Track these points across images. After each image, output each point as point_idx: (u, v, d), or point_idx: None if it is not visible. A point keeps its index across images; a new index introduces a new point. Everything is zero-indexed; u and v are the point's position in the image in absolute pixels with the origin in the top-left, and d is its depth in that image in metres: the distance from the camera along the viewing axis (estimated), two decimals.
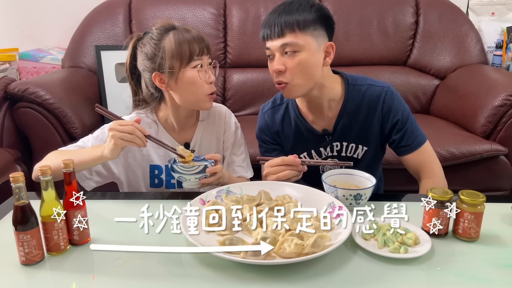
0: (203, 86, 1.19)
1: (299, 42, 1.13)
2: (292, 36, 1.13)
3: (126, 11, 2.47)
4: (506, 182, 1.97)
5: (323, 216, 0.98)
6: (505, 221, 1.03)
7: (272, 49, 1.16)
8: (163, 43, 1.17)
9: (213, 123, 1.34)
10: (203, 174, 1.12)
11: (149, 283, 0.81)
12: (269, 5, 2.46)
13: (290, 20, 1.13)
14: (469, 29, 2.46)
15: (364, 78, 1.29)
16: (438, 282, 0.82)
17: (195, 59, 1.17)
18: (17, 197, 0.83)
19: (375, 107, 1.25)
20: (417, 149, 1.26)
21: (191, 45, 1.16)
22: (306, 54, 1.14)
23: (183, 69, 1.17)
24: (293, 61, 1.14)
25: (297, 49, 1.14)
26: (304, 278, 0.81)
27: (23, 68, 2.41)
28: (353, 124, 1.27)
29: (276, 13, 1.16)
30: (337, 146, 1.30)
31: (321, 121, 1.29)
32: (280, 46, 1.14)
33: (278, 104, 1.35)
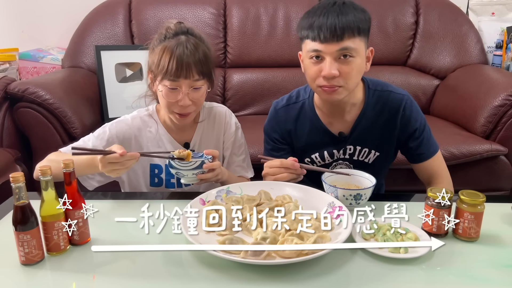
0: (174, 106, 1.17)
1: (356, 47, 1.10)
2: (351, 40, 1.09)
3: (126, 11, 2.47)
4: (506, 182, 1.97)
5: (323, 216, 0.98)
6: (505, 221, 1.03)
7: (325, 52, 1.11)
8: (158, 47, 1.17)
9: (213, 123, 1.34)
10: (200, 169, 1.11)
11: (149, 283, 0.81)
12: (269, 5, 2.46)
13: (350, 23, 1.08)
14: (469, 29, 2.46)
15: (385, 84, 1.28)
16: (438, 282, 0.82)
17: (169, 79, 1.14)
18: (17, 197, 0.83)
19: (394, 115, 1.25)
20: (431, 157, 1.28)
21: (171, 63, 1.12)
22: (359, 59, 1.12)
23: (157, 81, 1.17)
24: (348, 66, 1.11)
25: (354, 54, 1.10)
26: (304, 278, 0.81)
27: (23, 68, 2.41)
28: (370, 130, 1.26)
29: (333, 14, 1.09)
30: (350, 149, 1.28)
31: (339, 124, 1.27)
32: (337, 50, 1.09)
33: (294, 102, 1.32)
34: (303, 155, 1.31)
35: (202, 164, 1.11)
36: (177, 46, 1.14)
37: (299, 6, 2.47)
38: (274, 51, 2.45)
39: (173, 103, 1.17)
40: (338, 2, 1.12)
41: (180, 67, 1.13)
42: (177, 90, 1.15)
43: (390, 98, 1.25)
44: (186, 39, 1.17)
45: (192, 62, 1.14)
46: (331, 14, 1.10)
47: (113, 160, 1.03)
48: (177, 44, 1.15)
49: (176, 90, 1.15)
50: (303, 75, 2.60)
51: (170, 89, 1.15)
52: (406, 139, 1.27)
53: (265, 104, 2.43)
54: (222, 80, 2.46)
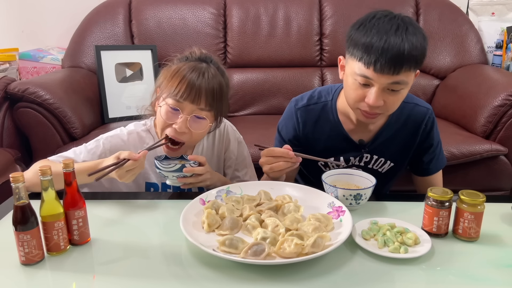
0: (165, 124, 1.12)
1: (408, 80, 1.04)
2: (406, 74, 1.02)
3: (126, 11, 2.47)
4: (506, 182, 1.97)
5: (323, 216, 0.98)
6: (505, 221, 1.03)
7: (375, 81, 1.03)
8: (176, 65, 1.14)
9: (213, 140, 1.30)
10: (181, 172, 1.09)
11: (149, 283, 0.81)
12: (269, 5, 2.46)
13: (412, 57, 0.99)
14: (469, 29, 2.46)
15: (410, 95, 1.23)
16: (438, 282, 0.82)
17: (173, 98, 1.09)
18: (17, 197, 0.83)
19: (417, 128, 1.24)
20: (435, 173, 1.30)
21: (181, 83, 1.08)
22: (407, 89, 1.07)
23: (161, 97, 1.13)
24: (395, 97, 1.06)
25: (404, 87, 1.05)
26: (304, 278, 0.81)
27: (23, 68, 2.41)
28: (391, 141, 1.24)
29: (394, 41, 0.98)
30: (367, 157, 1.26)
31: (361, 132, 1.24)
32: (390, 83, 1.02)
33: (315, 102, 1.25)
34: None
35: (183, 167, 1.08)
36: (194, 69, 1.10)
37: (299, 6, 2.47)
38: (274, 51, 2.45)
39: (169, 124, 1.12)
40: (401, 26, 1.01)
41: (190, 89, 1.08)
42: (177, 112, 1.10)
43: (414, 111, 1.23)
44: (207, 66, 1.13)
45: (203, 88, 1.09)
46: (394, 41, 0.98)
47: (130, 168, 1.02)
48: (195, 67, 1.11)
49: (177, 112, 1.10)
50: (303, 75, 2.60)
51: (171, 109, 1.10)
52: (421, 153, 1.28)
53: (265, 104, 2.43)
54: None
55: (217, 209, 1.01)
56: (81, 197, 0.92)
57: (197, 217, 0.99)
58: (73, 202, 0.90)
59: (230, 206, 1.02)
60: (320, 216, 0.97)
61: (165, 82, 1.12)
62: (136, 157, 1.02)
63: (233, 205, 1.04)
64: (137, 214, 1.08)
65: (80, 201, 0.91)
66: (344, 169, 1.23)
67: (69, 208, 0.90)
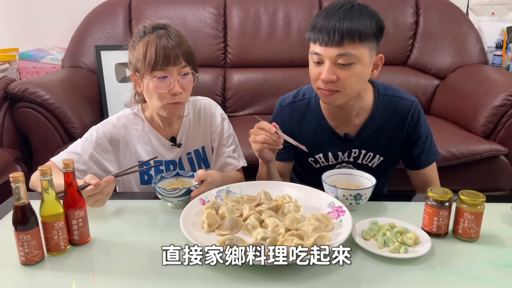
0: (165, 96, 1.16)
1: (356, 54, 1.07)
2: (351, 46, 1.06)
3: (126, 11, 2.47)
4: (506, 182, 1.97)
5: (323, 216, 0.98)
6: (505, 221, 1.03)
7: (324, 56, 1.10)
8: (138, 44, 1.17)
9: (198, 116, 1.35)
10: (186, 196, 1.06)
11: (149, 283, 0.81)
12: (269, 5, 2.46)
13: (352, 29, 1.05)
14: (469, 29, 2.46)
15: (395, 89, 1.27)
16: (438, 282, 0.82)
17: (158, 69, 1.14)
18: (17, 197, 0.83)
19: (402, 121, 1.24)
20: (428, 166, 1.29)
21: (158, 53, 1.13)
22: (360, 66, 1.10)
23: (145, 76, 1.16)
24: (346, 72, 1.09)
25: (353, 61, 1.08)
26: (304, 278, 0.81)
27: (23, 68, 2.41)
28: (377, 134, 1.25)
29: (335, 17, 1.07)
30: (355, 152, 1.28)
31: (346, 127, 1.26)
32: (336, 55, 1.08)
33: (300, 99, 1.30)
34: (307, 154, 1.29)
35: (188, 191, 1.06)
36: (160, 38, 1.14)
37: (299, 6, 2.47)
38: (274, 51, 2.45)
39: (165, 94, 1.16)
40: (345, 6, 1.09)
41: (168, 55, 1.13)
42: (167, 78, 1.15)
43: (400, 104, 1.24)
44: (166, 31, 1.17)
45: (178, 50, 1.15)
46: (334, 17, 1.07)
47: (91, 193, 0.98)
48: (159, 36, 1.15)
49: (167, 78, 1.15)
50: (303, 75, 2.61)
51: (161, 79, 1.14)
52: (409, 146, 1.27)
53: (265, 104, 2.43)
54: (222, 80, 2.46)
55: (217, 209, 1.02)
56: (81, 197, 0.92)
57: (197, 217, 0.99)
58: (73, 202, 0.90)
59: (230, 206, 1.03)
60: (320, 216, 0.97)
61: (141, 60, 1.15)
62: (95, 183, 0.97)
63: (233, 205, 1.04)
64: (137, 214, 1.08)
65: (80, 201, 0.91)
66: (344, 169, 1.23)
67: (69, 208, 0.90)
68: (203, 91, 2.32)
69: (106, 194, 1.02)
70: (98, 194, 1.00)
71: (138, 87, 1.22)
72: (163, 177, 1.14)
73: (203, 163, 1.36)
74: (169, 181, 1.14)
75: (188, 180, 1.15)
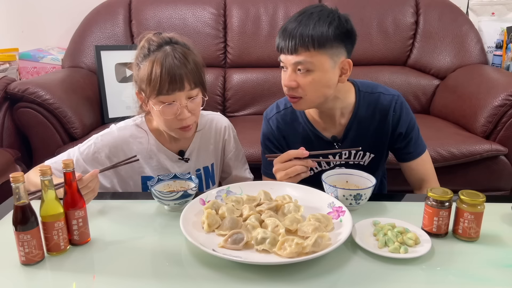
0: (172, 121, 1.13)
1: (312, 61, 1.08)
2: (306, 54, 1.08)
3: (126, 11, 2.47)
4: (506, 182, 1.97)
5: (323, 216, 0.98)
6: (505, 221, 1.03)
7: (285, 63, 1.13)
8: (144, 63, 1.11)
9: (209, 132, 1.32)
10: (182, 200, 1.05)
11: (149, 283, 0.81)
12: (269, 5, 2.46)
13: (305, 37, 1.06)
14: (469, 29, 2.46)
15: (375, 85, 1.28)
16: (438, 282, 0.82)
17: (164, 94, 1.09)
18: (17, 197, 0.83)
19: (385, 116, 1.25)
20: (418, 157, 1.29)
21: (163, 78, 1.07)
22: (319, 73, 1.10)
23: (150, 100, 1.12)
24: (305, 79, 1.10)
25: (310, 68, 1.09)
26: (304, 278, 0.81)
27: (23, 68, 2.41)
28: (363, 132, 1.26)
29: (295, 23, 1.08)
30: (345, 154, 1.28)
31: (332, 128, 1.27)
32: (293, 63, 1.10)
33: (283, 109, 1.31)
34: None
35: (185, 194, 1.04)
36: (165, 59, 1.08)
37: (299, 6, 2.45)
38: (274, 51, 2.40)
39: (172, 119, 1.12)
40: (306, 12, 1.09)
41: (174, 80, 1.08)
42: (174, 104, 1.10)
43: (380, 100, 1.24)
44: (173, 49, 1.11)
45: (183, 73, 1.09)
46: (291, 25, 1.08)
47: None
48: (165, 56, 1.09)
49: (173, 104, 1.10)
50: None
51: (167, 105, 1.10)
52: (396, 138, 1.28)
53: (265, 104, 2.43)
54: (222, 80, 2.46)
55: (217, 209, 1.01)
56: (81, 197, 0.92)
57: (197, 217, 0.99)
58: (73, 202, 0.90)
59: (230, 206, 1.02)
60: (320, 216, 0.97)
61: (146, 83, 1.10)
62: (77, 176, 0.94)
63: (233, 205, 1.04)
64: (137, 214, 1.08)
65: (80, 201, 0.91)
66: (344, 169, 1.23)
67: (69, 208, 0.90)
68: None
69: (91, 189, 1.00)
70: (83, 189, 0.97)
71: (145, 106, 1.17)
72: (160, 180, 1.12)
73: (211, 180, 1.34)
74: (166, 183, 1.13)
75: (185, 182, 1.14)
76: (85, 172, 1.13)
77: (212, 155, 1.33)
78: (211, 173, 1.34)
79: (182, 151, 1.27)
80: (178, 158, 1.26)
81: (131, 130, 1.23)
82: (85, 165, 1.19)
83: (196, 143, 1.29)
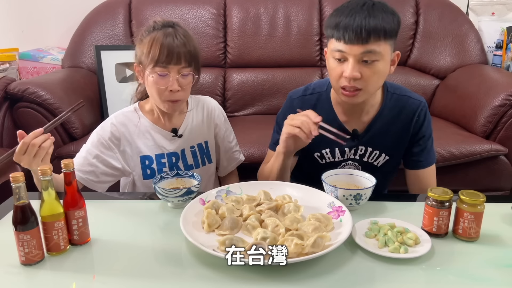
0: (163, 92, 1.20)
1: (381, 51, 1.08)
2: (376, 44, 1.07)
3: (126, 11, 2.47)
4: (506, 182, 1.97)
5: (323, 216, 0.98)
6: (505, 221, 1.03)
7: (348, 54, 1.09)
8: (146, 38, 1.21)
9: (201, 112, 1.39)
10: (186, 196, 1.06)
11: (149, 283, 0.81)
12: (269, 5, 2.46)
13: (378, 26, 1.06)
14: (469, 29, 2.46)
15: (404, 88, 1.29)
16: (438, 282, 0.82)
17: (159, 65, 1.18)
18: (17, 197, 0.83)
19: (409, 120, 1.25)
20: (426, 167, 1.29)
21: (162, 51, 1.16)
22: (383, 63, 1.11)
23: (146, 70, 1.20)
24: (371, 69, 1.10)
25: (378, 58, 1.09)
26: (304, 278, 0.81)
27: (23, 68, 2.41)
28: (384, 132, 1.26)
29: (360, 15, 1.07)
30: (361, 150, 1.28)
31: (354, 123, 1.27)
32: (361, 53, 1.08)
33: (310, 93, 1.31)
34: (314, 149, 1.29)
35: (189, 191, 1.06)
36: (166, 36, 1.18)
37: (299, 6, 2.47)
38: (274, 51, 2.45)
39: (163, 90, 1.20)
40: (367, 3, 1.09)
41: (171, 54, 1.17)
42: (166, 76, 1.19)
43: (408, 103, 1.25)
44: (174, 30, 1.20)
45: (181, 50, 1.18)
46: (359, 15, 1.07)
47: (23, 150, 1.01)
48: (166, 34, 1.19)
49: (166, 76, 1.19)
50: (303, 75, 2.61)
51: (160, 76, 1.18)
52: (412, 144, 1.28)
53: (265, 104, 2.43)
54: (222, 80, 2.46)
55: (217, 209, 1.02)
56: (81, 197, 0.92)
57: (197, 217, 1.00)
58: (73, 202, 0.90)
59: (230, 206, 1.02)
60: (320, 216, 0.97)
61: (145, 54, 1.19)
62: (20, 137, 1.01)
63: (233, 205, 1.04)
64: (137, 214, 1.08)
65: (80, 201, 0.91)
66: (344, 169, 1.23)
67: (69, 208, 0.90)
68: (203, 91, 2.32)
69: (42, 148, 1.02)
70: (31, 149, 1.00)
71: (140, 78, 1.27)
72: (163, 177, 1.14)
73: (206, 157, 1.40)
74: (169, 181, 1.14)
75: (188, 180, 1.15)
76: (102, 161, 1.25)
77: (206, 134, 1.39)
78: (205, 150, 1.39)
79: (175, 129, 1.33)
80: (172, 135, 1.32)
81: (126, 114, 1.32)
82: (96, 151, 1.25)
83: (188, 122, 1.36)
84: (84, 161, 1.24)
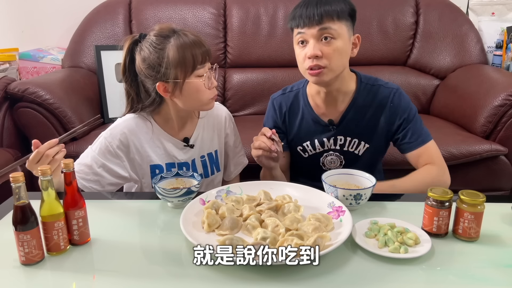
0: (206, 92, 1.21)
1: (336, 28, 1.18)
2: (330, 23, 1.17)
3: (126, 11, 2.47)
4: (506, 182, 1.97)
5: (323, 216, 0.98)
6: (505, 221, 1.03)
7: (308, 35, 1.19)
8: (166, 51, 1.14)
9: (212, 121, 1.37)
10: (186, 196, 1.06)
11: (149, 283, 0.81)
12: (269, 5, 2.46)
13: (329, 10, 1.17)
14: (469, 29, 2.46)
15: (376, 79, 1.35)
16: (438, 282, 0.82)
17: (198, 68, 1.17)
18: (17, 197, 0.83)
19: (383, 107, 1.31)
20: (419, 146, 1.29)
21: (194, 53, 1.15)
22: (341, 41, 1.19)
23: (187, 79, 1.16)
24: (329, 47, 1.18)
25: (334, 35, 1.18)
26: (304, 278, 0.81)
27: (23, 68, 2.41)
28: (359, 120, 1.31)
29: (312, 4, 1.18)
30: (340, 140, 1.34)
31: (330, 114, 1.33)
32: (318, 31, 1.17)
33: (288, 91, 1.40)
34: (295, 143, 1.39)
35: (189, 191, 1.06)
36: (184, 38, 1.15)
37: None
38: (274, 51, 2.45)
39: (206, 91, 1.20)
40: None
41: (202, 48, 1.16)
42: (207, 75, 1.19)
43: (379, 92, 1.31)
44: (183, 32, 1.17)
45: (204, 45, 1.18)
46: (311, 4, 1.18)
47: (37, 159, 1.02)
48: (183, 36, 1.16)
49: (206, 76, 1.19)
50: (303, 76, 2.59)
51: (205, 77, 1.19)
52: (396, 130, 1.32)
53: (265, 104, 2.39)
54: (222, 80, 2.46)
55: (217, 209, 1.02)
56: (81, 197, 0.92)
57: (197, 217, 1.00)
58: (73, 202, 0.90)
59: (230, 206, 1.03)
60: (320, 216, 0.97)
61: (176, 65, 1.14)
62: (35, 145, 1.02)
63: (233, 205, 1.04)
64: (137, 214, 1.08)
65: (80, 201, 0.91)
66: (344, 169, 1.23)
67: (69, 208, 0.90)
68: None
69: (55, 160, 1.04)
70: (44, 158, 1.02)
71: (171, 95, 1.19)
72: (163, 177, 1.14)
73: (215, 166, 1.39)
74: (169, 181, 1.14)
75: (188, 180, 1.15)
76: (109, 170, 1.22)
77: (216, 143, 1.38)
78: (215, 159, 1.38)
79: (187, 138, 1.31)
80: (183, 145, 1.31)
81: (135, 120, 1.27)
82: (102, 160, 1.22)
83: (199, 130, 1.34)
84: (89, 170, 1.20)
